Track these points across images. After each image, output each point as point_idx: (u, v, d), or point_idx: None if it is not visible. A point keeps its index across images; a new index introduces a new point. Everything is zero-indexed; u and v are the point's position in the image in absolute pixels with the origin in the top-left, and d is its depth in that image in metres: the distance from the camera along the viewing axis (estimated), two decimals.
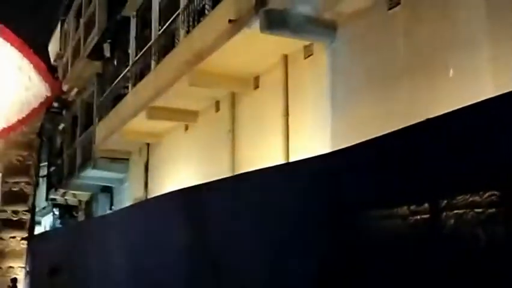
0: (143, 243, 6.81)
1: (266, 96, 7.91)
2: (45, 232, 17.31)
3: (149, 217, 7.05)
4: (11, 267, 18.56)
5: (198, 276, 4.98)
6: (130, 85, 11.42)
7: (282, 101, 7.36)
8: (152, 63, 10.27)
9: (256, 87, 8.21)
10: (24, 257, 17.95)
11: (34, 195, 19.97)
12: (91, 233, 10.21)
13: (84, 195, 16.58)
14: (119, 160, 13.54)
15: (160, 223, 6.31)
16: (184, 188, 6.15)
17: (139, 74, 10.99)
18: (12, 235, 18.95)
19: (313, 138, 6.62)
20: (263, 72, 7.96)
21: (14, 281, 15.08)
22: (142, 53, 11.00)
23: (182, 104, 9.49)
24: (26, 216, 19.16)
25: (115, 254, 7.96)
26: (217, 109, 9.18)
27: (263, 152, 7.56)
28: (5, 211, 19.28)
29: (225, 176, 6.16)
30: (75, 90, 16.91)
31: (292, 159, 6.71)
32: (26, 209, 19.25)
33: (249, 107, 8.36)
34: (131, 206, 9.17)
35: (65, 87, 17.87)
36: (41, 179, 20.38)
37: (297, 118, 7.15)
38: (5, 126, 19.34)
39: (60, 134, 18.27)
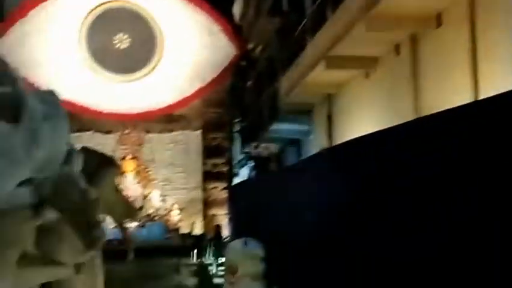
0: (329, 190, 6.86)
1: (450, 33, 7.27)
2: (242, 182, 18.50)
3: (332, 165, 7.06)
4: (214, 215, 20.42)
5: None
6: (308, 37, 11.38)
7: (468, 37, 6.70)
8: (328, 12, 10.07)
9: (439, 25, 7.57)
10: (226, 205, 19.55)
11: (230, 149, 21.52)
12: (280, 181, 10.62)
13: (274, 148, 17.25)
14: (304, 113, 13.74)
15: (342, 171, 6.27)
16: (364, 135, 5.99)
17: (316, 25, 10.88)
18: (213, 186, 20.80)
19: (506, 75, 5.92)
20: (445, 8, 7.30)
21: (218, 227, 16.53)
22: (317, 3, 10.84)
23: (361, 51, 9.21)
24: (225, 168, 20.79)
25: (302, 199, 8.19)
26: (398, 53, 8.71)
27: (449, 94, 7.01)
28: (206, 164, 21.17)
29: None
30: (259, 47, 17.46)
31: None
32: (224, 161, 20.88)
33: (432, 47, 7.77)
34: (314, 155, 9.26)
35: (250, 45, 18.58)
36: (236, 134, 21.75)
37: (486, 54, 6.46)
38: (201, 86, 20.99)
39: (249, 90, 19.13)
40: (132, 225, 20.74)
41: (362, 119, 9.99)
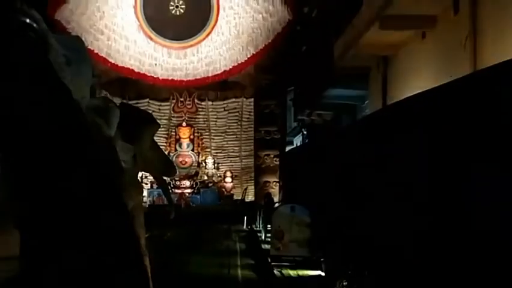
0: (383, 153, 6.63)
1: None
2: (294, 149, 18.42)
3: (389, 125, 6.81)
4: (267, 181, 20.47)
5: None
6: None
7: None
8: None
9: None
10: (278, 172, 19.55)
11: (284, 116, 21.37)
12: (330, 147, 10.46)
13: (328, 115, 17.02)
14: (359, 77, 13.41)
15: (396, 131, 6.04)
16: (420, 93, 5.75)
17: None
18: (266, 153, 20.80)
19: None
20: None
21: (269, 194, 16.56)
22: None
23: (417, 10, 8.81)
24: (277, 136, 20.70)
25: (352, 166, 8.01)
26: (456, 10, 8.26)
27: (510, 54, 6.59)
28: (259, 131, 21.18)
29: None
30: (314, 11, 17.10)
31: None
32: (277, 129, 20.79)
33: (492, 3, 7.31)
34: (367, 116, 9.03)
35: (305, 10, 18.23)
36: (289, 101, 21.56)
37: None
38: (254, 52, 20.84)
39: (303, 56, 18.82)
40: (186, 191, 21.18)
41: (418, 81, 9.62)
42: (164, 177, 6.34)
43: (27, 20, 2.14)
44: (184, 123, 22.56)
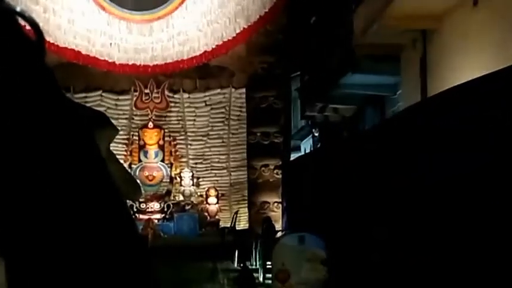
0: (427, 157, 6.62)
1: None
2: (302, 156, 18.43)
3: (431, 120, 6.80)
4: (265, 202, 20.46)
5: None
6: None
7: None
8: None
9: None
10: (280, 189, 19.56)
11: (287, 112, 21.40)
12: (354, 154, 10.47)
13: (347, 110, 17.08)
14: (388, 59, 13.47)
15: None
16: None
17: None
18: (264, 163, 20.82)
19: None
20: None
21: (268, 220, 16.56)
22: None
23: None
24: (279, 139, 20.72)
25: (386, 179, 8.02)
26: None
27: None
28: (253, 134, 21.16)
29: None
30: None
31: None
32: (278, 129, 20.81)
33: None
34: (402, 111, 9.06)
35: None
36: (294, 92, 21.62)
37: None
38: (245, 26, 20.88)
39: (312, 30, 18.88)
40: (155, 216, 21.16)
41: (470, 61, 9.68)
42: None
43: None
44: (150, 124, 22.58)
